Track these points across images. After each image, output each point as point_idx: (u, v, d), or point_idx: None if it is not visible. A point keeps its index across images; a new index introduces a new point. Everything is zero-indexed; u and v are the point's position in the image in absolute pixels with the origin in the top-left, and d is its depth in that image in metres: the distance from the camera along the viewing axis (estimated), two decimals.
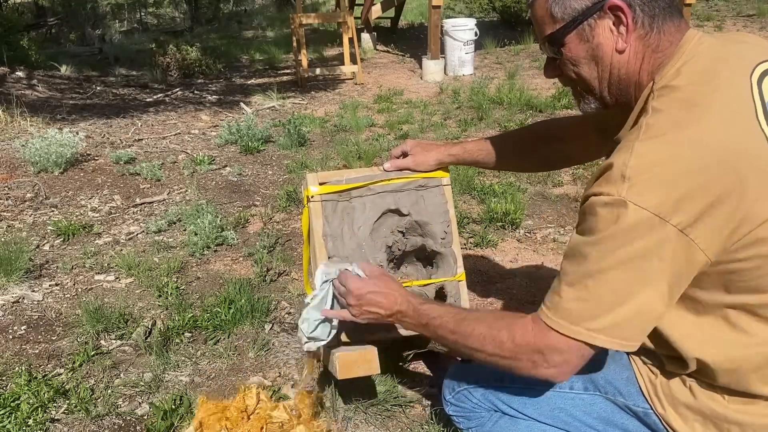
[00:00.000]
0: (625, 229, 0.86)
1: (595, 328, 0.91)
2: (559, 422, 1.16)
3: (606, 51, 0.98)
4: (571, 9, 0.98)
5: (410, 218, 1.57)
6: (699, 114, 0.87)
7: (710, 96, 0.89)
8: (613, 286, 0.89)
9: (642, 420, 1.07)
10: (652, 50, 0.97)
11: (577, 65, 1.02)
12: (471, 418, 1.26)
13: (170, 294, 2.21)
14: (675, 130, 0.87)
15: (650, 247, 0.86)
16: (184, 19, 14.57)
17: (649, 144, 0.88)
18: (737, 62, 0.93)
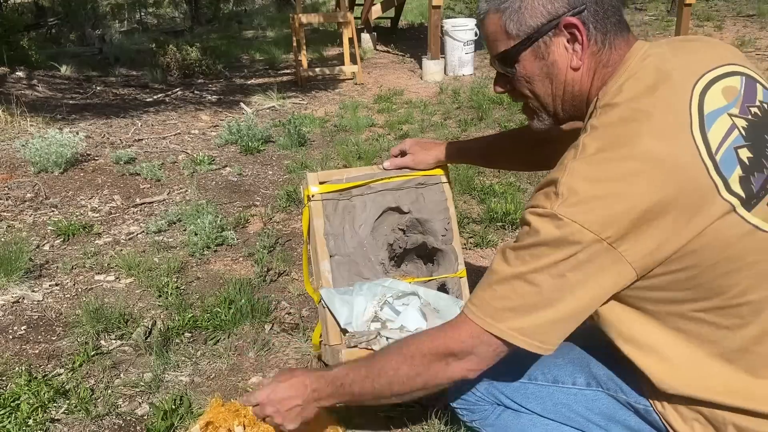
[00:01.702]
0: (555, 239, 0.89)
1: (515, 327, 0.94)
2: (562, 417, 1.16)
3: (561, 68, 1.00)
4: (526, 26, 0.98)
5: (411, 216, 1.57)
6: (634, 132, 0.89)
7: (646, 113, 0.90)
8: (538, 290, 0.91)
9: (643, 417, 1.08)
10: (602, 65, 0.99)
11: (531, 82, 1.03)
12: (474, 411, 1.27)
13: (170, 294, 2.21)
14: (609, 148, 0.89)
15: (578, 258, 0.88)
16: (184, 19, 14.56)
17: (583, 162, 0.90)
18: (680, 76, 0.93)
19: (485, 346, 0.97)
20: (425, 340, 1.04)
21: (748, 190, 0.88)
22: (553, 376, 1.18)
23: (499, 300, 0.95)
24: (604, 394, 1.12)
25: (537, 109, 1.08)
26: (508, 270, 0.94)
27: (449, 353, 1.00)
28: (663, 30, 8.99)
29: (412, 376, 1.04)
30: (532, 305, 0.92)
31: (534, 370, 1.19)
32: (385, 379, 1.06)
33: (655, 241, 0.87)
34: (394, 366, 1.06)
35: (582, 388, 1.14)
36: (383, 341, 1.33)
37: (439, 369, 1.02)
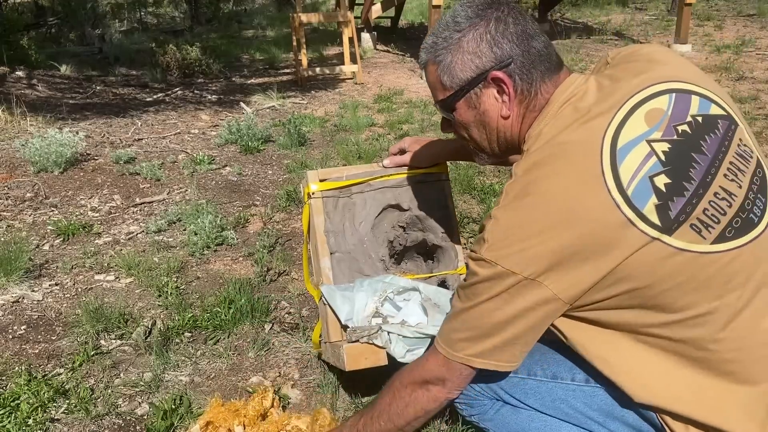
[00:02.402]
0: (486, 279, 0.98)
1: (471, 353, 1.04)
2: (560, 413, 1.17)
3: (492, 117, 1.09)
4: (458, 79, 1.07)
5: (411, 213, 1.58)
6: (544, 178, 0.95)
7: (558, 157, 0.96)
8: (482, 321, 1.01)
9: (641, 414, 1.08)
10: (530, 110, 1.07)
11: (468, 128, 1.13)
12: (474, 406, 1.28)
13: (170, 294, 2.21)
14: (522, 196, 0.97)
15: (509, 293, 0.97)
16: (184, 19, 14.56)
17: (503, 210, 0.98)
18: (598, 112, 0.98)
19: (453, 372, 1.08)
20: (405, 374, 1.15)
21: (664, 217, 0.92)
22: (552, 372, 1.18)
23: (455, 332, 1.05)
24: (603, 390, 1.13)
25: (476, 150, 1.18)
26: (458, 306, 1.05)
27: (426, 381, 1.11)
28: (663, 30, 8.99)
29: (403, 407, 1.13)
30: (480, 334, 1.02)
31: (533, 366, 1.20)
32: (385, 416, 1.16)
33: (575, 275, 0.94)
34: (387, 402, 1.16)
35: (581, 384, 1.15)
36: (384, 336, 1.34)
37: (421, 396, 1.12)
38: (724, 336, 0.97)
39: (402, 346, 1.32)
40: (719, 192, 0.95)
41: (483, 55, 1.05)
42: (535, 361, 1.20)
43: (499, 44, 1.04)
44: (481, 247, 0.99)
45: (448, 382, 1.09)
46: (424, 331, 1.32)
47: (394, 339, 1.33)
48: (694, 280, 0.94)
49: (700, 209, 0.93)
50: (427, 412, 1.14)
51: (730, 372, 0.98)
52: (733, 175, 0.97)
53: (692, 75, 1.04)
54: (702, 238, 0.93)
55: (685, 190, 0.93)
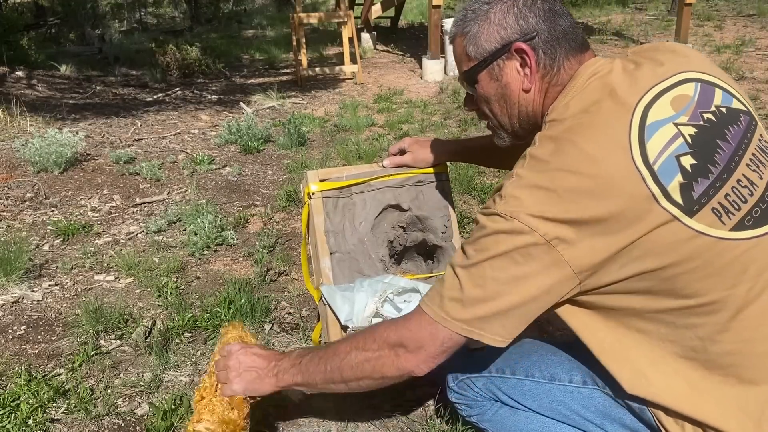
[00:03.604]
0: (497, 233, 0.95)
1: (461, 317, 0.98)
2: (558, 415, 1.17)
3: (513, 89, 1.09)
4: (482, 49, 1.09)
5: (410, 213, 1.58)
6: (572, 145, 0.94)
7: (587, 127, 0.95)
8: (481, 282, 0.96)
9: (637, 415, 1.08)
10: (552, 85, 1.07)
11: (489, 102, 1.13)
12: (472, 407, 1.29)
13: (170, 294, 2.21)
14: (549, 159, 0.95)
15: (518, 253, 0.93)
16: (184, 19, 14.56)
17: (527, 170, 0.96)
18: (624, 91, 0.98)
19: (434, 339, 1.01)
20: (379, 329, 1.09)
21: (687, 197, 0.91)
22: (550, 374, 1.18)
23: (447, 291, 1.00)
24: (600, 392, 1.13)
25: (496, 127, 1.17)
26: (458, 263, 1.00)
27: (400, 344, 1.04)
28: (663, 30, 8.99)
29: (361, 361, 1.08)
30: (477, 297, 0.96)
31: (531, 367, 1.20)
32: (336, 361, 1.10)
33: (592, 244, 0.91)
34: (346, 349, 1.10)
35: (578, 386, 1.15)
36: None
37: (387, 358, 1.05)
38: (728, 328, 0.96)
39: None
40: (742, 179, 0.94)
41: (508, 26, 1.06)
42: (533, 362, 1.21)
43: (526, 17, 1.05)
44: (498, 202, 0.96)
45: (423, 350, 1.02)
46: None
47: None
48: (709, 266, 0.93)
49: (722, 193, 0.93)
50: (383, 377, 1.08)
51: (729, 366, 0.98)
52: (755, 166, 0.97)
53: (714, 70, 1.05)
54: (722, 223, 0.92)
55: (709, 172, 0.93)
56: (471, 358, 1.31)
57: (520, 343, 1.32)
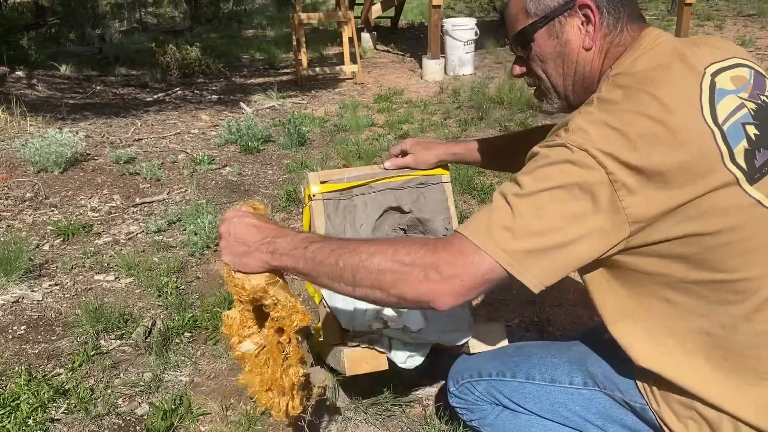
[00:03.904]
0: (562, 162, 0.89)
1: (509, 248, 0.89)
2: (559, 417, 1.17)
3: (573, 48, 1.05)
4: (544, 6, 1.04)
5: (412, 215, 1.57)
6: (646, 93, 0.91)
7: (659, 81, 0.92)
8: (538, 213, 0.89)
9: (639, 415, 1.08)
10: (614, 45, 1.03)
11: (545, 61, 1.08)
12: (473, 411, 1.28)
13: (170, 294, 2.21)
14: (622, 102, 0.91)
15: (580, 188, 0.88)
16: (184, 19, 14.56)
17: (596, 109, 0.92)
18: (693, 58, 0.97)
19: (473, 268, 0.90)
20: (413, 243, 0.95)
21: (750, 164, 0.90)
22: (550, 376, 1.18)
23: (497, 218, 0.91)
24: (601, 393, 1.12)
25: (548, 90, 1.11)
26: (508, 191, 0.92)
27: (433, 266, 0.92)
28: (663, 30, 8.97)
29: (383, 270, 0.94)
30: (528, 229, 0.89)
31: (532, 370, 1.20)
32: (353, 260, 0.96)
33: (651, 195, 0.88)
34: (369, 251, 0.96)
35: (579, 388, 1.15)
36: (385, 341, 1.33)
37: (413, 277, 0.92)
38: (758, 317, 0.94)
39: (403, 352, 1.32)
40: None
41: None
42: (533, 365, 1.20)
43: None
44: (565, 135, 0.91)
45: (456, 279, 0.90)
46: (424, 337, 1.32)
47: (395, 344, 1.32)
48: (754, 240, 0.91)
49: None
50: (400, 297, 0.95)
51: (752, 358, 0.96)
52: None
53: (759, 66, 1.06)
54: None
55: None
56: (471, 362, 1.31)
57: (519, 345, 1.32)
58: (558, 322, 2.05)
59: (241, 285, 1.04)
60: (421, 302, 0.93)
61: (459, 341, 1.31)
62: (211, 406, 1.65)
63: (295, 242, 1.02)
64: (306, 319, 1.07)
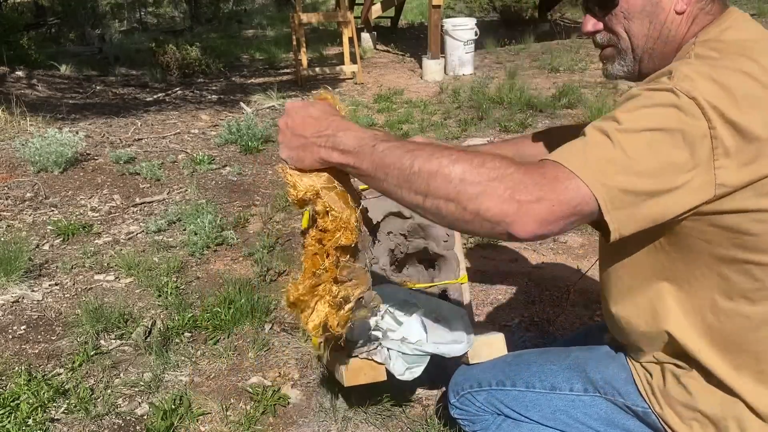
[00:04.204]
0: (669, 108, 0.83)
1: (605, 182, 0.81)
2: (561, 424, 1.16)
3: (664, 8, 0.98)
4: None
5: (412, 221, 1.57)
6: (748, 56, 0.87)
7: (757, 50, 0.88)
8: (636, 153, 0.82)
9: (642, 419, 1.07)
10: (704, 13, 0.98)
11: (630, 19, 1.00)
12: (475, 422, 1.27)
13: (170, 294, 2.21)
14: (725, 59, 0.86)
15: (685, 138, 0.81)
16: (184, 19, 14.55)
17: (701, 62, 0.87)
18: None
19: (567, 194, 0.81)
20: (505, 161, 0.84)
21: None
22: (550, 383, 1.18)
23: (594, 151, 0.83)
24: (602, 398, 1.12)
25: (624, 51, 1.03)
26: (606, 127, 0.85)
27: (524, 186, 0.82)
28: None
29: (467, 180, 0.83)
30: (625, 165, 0.82)
31: (532, 378, 1.19)
32: (431, 164, 0.85)
33: (743, 161, 0.83)
34: (451, 157, 0.85)
35: (580, 394, 1.14)
36: (384, 352, 1.33)
37: (500, 195, 0.81)
38: None
39: (402, 363, 1.31)
40: None
41: None
42: (533, 373, 1.20)
43: None
44: (668, 80, 0.85)
45: (544, 203, 0.81)
46: (423, 348, 1.31)
47: (393, 355, 1.32)
48: None
49: None
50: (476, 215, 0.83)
51: None
52: None
53: None
54: None
55: None
56: (470, 373, 1.30)
57: (518, 354, 1.32)
58: (558, 322, 2.05)
59: (292, 184, 0.95)
60: (499, 224, 0.82)
61: (458, 353, 1.31)
62: (211, 406, 1.65)
63: (361, 138, 0.92)
64: (351, 238, 0.97)
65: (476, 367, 1.31)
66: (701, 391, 1.00)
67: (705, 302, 0.96)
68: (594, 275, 2.36)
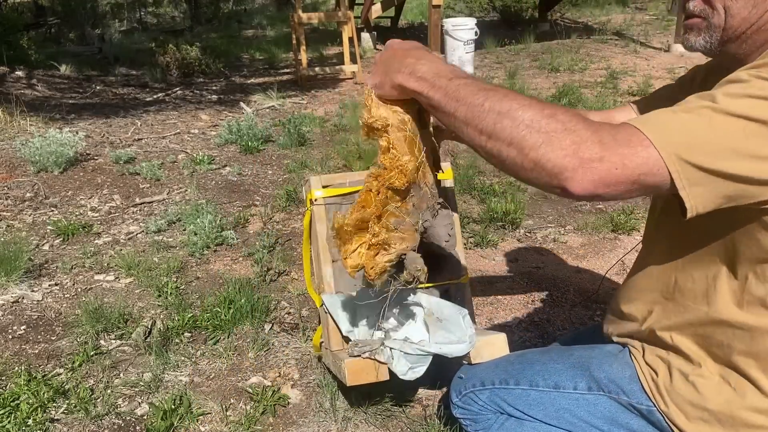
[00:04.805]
0: None
1: (684, 156, 0.78)
2: (565, 423, 1.16)
3: None
4: None
5: None
6: None
7: None
8: (729, 136, 0.79)
9: (646, 418, 1.07)
10: None
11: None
12: (478, 421, 1.27)
13: (170, 294, 2.21)
14: None
15: None
16: (184, 19, 14.55)
17: None
18: None
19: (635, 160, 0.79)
20: (578, 116, 0.83)
21: None
22: (554, 382, 1.17)
23: (679, 121, 0.81)
24: (606, 397, 1.12)
25: (714, 27, 0.96)
26: (700, 102, 0.82)
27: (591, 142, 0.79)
28: (663, 30, 8.99)
29: (533, 127, 0.81)
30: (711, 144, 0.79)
31: (535, 377, 1.19)
32: (502, 105, 0.84)
33: None
34: (525, 103, 0.84)
35: (583, 393, 1.14)
36: (387, 352, 1.33)
37: (564, 147, 0.79)
38: None
39: (404, 364, 1.31)
40: None
41: None
42: (536, 371, 1.20)
43: None
44: None
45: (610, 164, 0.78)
46: (425, 348, 1.31)
47: (396, 355, 1.32)
48: None
49: None
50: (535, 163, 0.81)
51: None
52: None
53: None
54: None
55: None
56: (473, 372, 1.30)
57: (521, 353, 1.32)
58: (558, 322, 2.05)
59: (368, 108, 0.97)
60: (557, 176, 0.80)
61: (461, 353, 1.31)
62: (211, 406, 1.65)
63: (439, 70, 0.93)
64: (402, 181, 0.99)
65: (479, 367, 1.31)
66: (710, 390, 0.99)
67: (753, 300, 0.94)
68: (594, 274, 2.37)
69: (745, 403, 0.97)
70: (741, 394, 0.97)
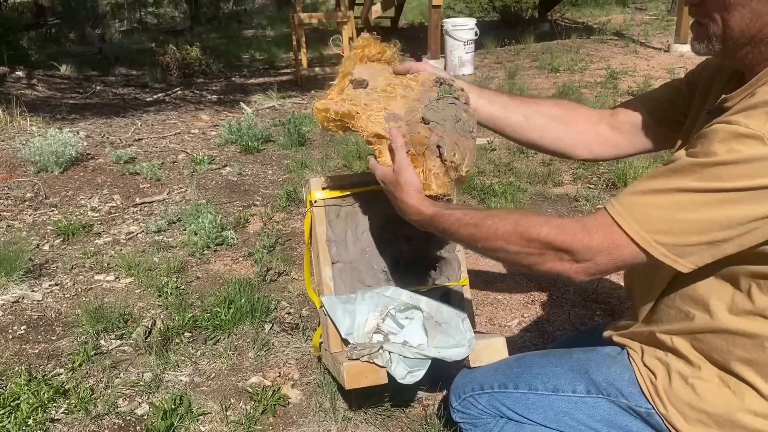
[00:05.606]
0: (750, 162, 0.79)
1: (663, 242, 0.85)
2: (564, 426, 1.16)
3: None
4: None
5: None
6: None
7: None
8: (707, 214, 0.82)
9: (645, 420, 1.07)
10: None
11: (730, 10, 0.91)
12: (477, 425, 1.27)
13: (170, 294, 2.21)
14: None
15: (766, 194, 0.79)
16: (184, 19, 14.56)
17: None
18: None
19: (615, 252, 0.88)
20: (547, 228, 0.96)
21: None
22: (553, 385, 1.17)
23: (657, 210, 0.85)
24: (605, 400, 1.12)
25: (713, 38, 0.96)
26: (674, 181, 0.84)
27: (568, 250, 0.92)
28: (663, 30, 8.99)
29: (518, 253, 0.99)
30: (691, 228, 0.83)
31: (534, 380, 1.19)
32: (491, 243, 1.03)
33: None
34: (504, 237, 1.00)
35: (582, 396, 1.14)
36: (385, 355, 1.33)
37: (548, 258, 0.96)
38: None
39: (403, 367, 1.31)
40: None
41: None
42: (535, 375, 1.19)
43: None
44: (760, 122, 0.79)
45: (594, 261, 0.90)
46: (424, 352, 1.31)
47: (395, 359, 1.32)
48: None
49: None
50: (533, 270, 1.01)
51: None
52: None
53: None
54: None
55: None
56: (472, 376, 1.30)
57: (520, 356, 1.32)
58: (558, 322, 2.05)
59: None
60: (559, 276, 0.97)
61: (459, 357, 1.31)
62: (211, 406, 1.65)
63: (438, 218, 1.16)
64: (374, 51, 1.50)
65: (478, 370, 1.31)
66: (709, 392, 0.99)
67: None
68: None
69: (744, 406, 0.96)
70: (740, 397, 0.97)
